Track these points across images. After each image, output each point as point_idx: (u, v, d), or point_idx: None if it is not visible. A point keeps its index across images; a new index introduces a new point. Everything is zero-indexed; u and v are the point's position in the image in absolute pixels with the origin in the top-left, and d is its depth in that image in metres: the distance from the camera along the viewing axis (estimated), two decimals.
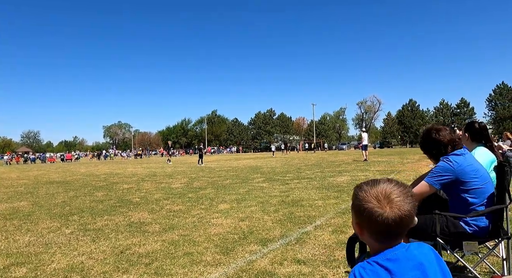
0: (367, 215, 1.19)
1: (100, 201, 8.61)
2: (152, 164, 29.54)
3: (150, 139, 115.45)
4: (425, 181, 2.98)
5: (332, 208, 6.60)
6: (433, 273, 1.19)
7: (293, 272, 3.41)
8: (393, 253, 1.20)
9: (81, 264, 3.92)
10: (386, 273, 1.16)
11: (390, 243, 1.23)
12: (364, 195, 1.23)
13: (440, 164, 2.96)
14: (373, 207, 1.18)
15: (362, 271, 1.17)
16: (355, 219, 1.28)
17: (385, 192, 1.21)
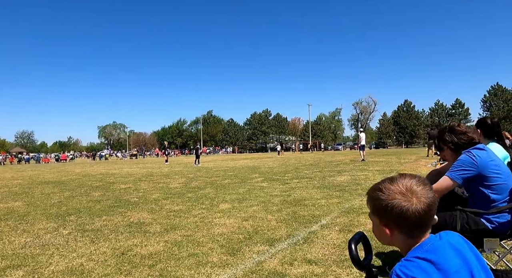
0: (396, 212, 1.18)
1: (97, 201, 8.42)
2: (148, 164, 29.28)
3: (145, 139, 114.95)
4: (446, 176, 2.86)
5: (336, 207, 6.47)
6: (470, 258, 1.19)
7: (305, 273, 3.27)
8: (429, 244, 1.18)
9: (81, 266, 3.75)
10: (430, 265, 1.12)
11: (424, 235, 1.22)
12: (387, 194, 1.22)
13: (462, 158, 2.84)
14: (400, 202, 1.18)
15: (405, 269, 1.12)
16: (382, 221, 1.24)
17: (406, 185, 1.21)
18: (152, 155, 76.79)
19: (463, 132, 3.03)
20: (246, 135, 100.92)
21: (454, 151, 3.01)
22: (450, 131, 3.09)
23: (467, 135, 3.01)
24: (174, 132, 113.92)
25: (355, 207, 6.45)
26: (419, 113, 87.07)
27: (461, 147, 2.99)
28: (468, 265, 1.17)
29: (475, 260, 1.20)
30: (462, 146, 2.99)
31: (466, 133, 3.02)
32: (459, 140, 3.02)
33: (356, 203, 6.85)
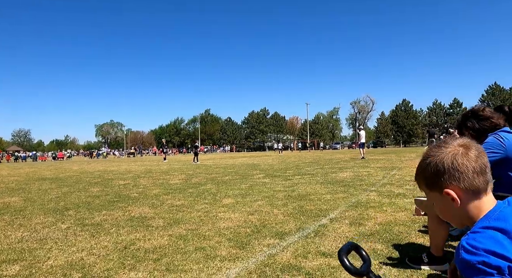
0: (462, 166, 1.03)
1: (96, 196, 8.21)
2: (147, 162, 29.06)
3: (142, 138, 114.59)
4: None
5: (342, 202, 6.30)
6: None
7: (321, 266, 3.09)
8: (497, 212, 1.03)
9: (81, 261, 3.54)
10: (501, 234, 0.96)
11: (488, 200, 1.07)
12: (436, 155, 1.08)
13: (489, 140, 2.68)
14: (463, 153, 1.04)
15: (473, 242, 0.96)
16: (442, 186, 1.07)
17: (460, 142, 1.09)
18: (149, 154, 76.45)
19: (487, 117, 2.86)
20: (244, 134, 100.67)
21: (476, 138, 2.85)
22: (473, 116, 2.92)
23: (490, 121, 2.84)
24: (171, 131, 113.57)
25: (362, 201, 6.27)
26: (417, 112, 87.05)
27: (483, 134, 2.83)
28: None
29: None
30: (483, 132, 2.83)
31: (490, 119, 2.86)
32: (482, 126, 2.86)
33: (362, 197, 6.68)
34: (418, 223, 4.56)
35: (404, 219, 4.85)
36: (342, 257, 1.18)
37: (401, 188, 7.89)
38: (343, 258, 1.17)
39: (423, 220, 4.71)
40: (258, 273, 2.99)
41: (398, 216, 5.05)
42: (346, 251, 1.22)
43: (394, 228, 4.32)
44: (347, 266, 1.16)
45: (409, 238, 3.93)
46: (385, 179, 9.73)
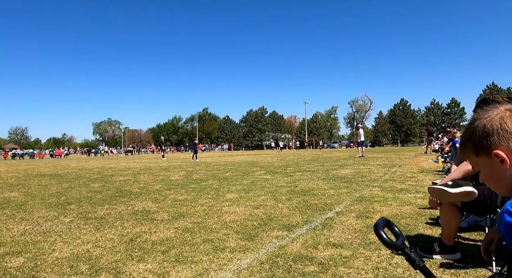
0: (510, 127, 0.99)
1: (98, 191, 8.16)
2: (145, 160, 28.98)
3: (140, 136, 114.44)
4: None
5: (346, 196, 6.28)
6: None
7: (333, 256, 3.07)
8: None
9: (88, 253, 3.50)
10: None
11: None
12: (494, 115, 1.03)
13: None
14: (510, 116, 1.00)
15: None
16: (490, 148, 1.02)
17: (506, 107, 1.04)
18: (147, 152, 76.31)
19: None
20: (242, 133, 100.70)
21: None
22: (484, 103, 2.89)
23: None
24: (169, 130, 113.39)
25: (366, 196, 6.26)
26: (415, 112, 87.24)
27: None
28: None
29: None
30: None
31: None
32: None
33: (366, 192, 6.66)
34: (425, 216, 4.55)
35: (410, 212, 4.83)
36: (379, 231, 1.16)
37: (404, 183, 7.89)
38: (380, 232, 1.16)
39: (429, 213, 4.70)
40: (270, 263, 2.96)
41: (404, 209, 5.03)
42: (381, 225, 1.20)
43: (401, 221, 4.30)
44: (385, 240, 1.15)
45: (417, 229, 3.91)
46: (387, 175, 9.73)
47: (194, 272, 2.85)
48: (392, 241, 1.16)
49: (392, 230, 1.30)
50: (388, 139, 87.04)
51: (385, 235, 1.16)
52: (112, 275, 2.85)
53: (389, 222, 1.29)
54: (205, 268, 2.93)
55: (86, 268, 3.05)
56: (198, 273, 2.82)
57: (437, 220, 4.10)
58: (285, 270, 2.80)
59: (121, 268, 3.01)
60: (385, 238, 1.15)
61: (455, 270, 2.71)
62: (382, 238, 1.15)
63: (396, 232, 1.28)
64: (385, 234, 1.17)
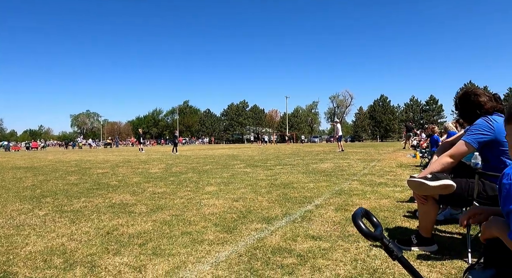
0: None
1: (74, 184, 7.99)
2: (124, 153, 28.56)
3: (119, 129, 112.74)
4: (462, 140, 2.75)
5: (326, 190, 6.32)
6: None
7: (312, 248, 3.07)
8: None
9: (62, 246, 3.40)
10: None
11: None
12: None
13: (479, 122, 2.74)
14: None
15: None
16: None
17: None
18: (127, 145, 75.26)
19: (484, 101, 2.92)
20: (223, 126, 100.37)
21: (466, 117, 3.00)
22: (466, 96, 3.00)
23: (483, 107, 2.91)
24: (149, 122, 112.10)
25: (345, 189, 6.31)
26: (395, 108, 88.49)
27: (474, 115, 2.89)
28: None
29: None
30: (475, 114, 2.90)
31: (482, 106, 2.92)
32: (475, 114, 2.92)
33: (345, 186, 6.72)
34: (403, 209, 4.61)
35: (388, 205, 4.89)
36: (358, 222, 1.15)
37: (382, 177, 7.99)
38: (358, 222, 1.15)
39: (407, 206, 4.77)
40: (249, 256, 2.94)
41: (382, 202, 5.09)
42: (360, 215, 1.19)
43: (380, 214, 4.35)
44: (363, 230, 1.14)
45: (395, 222, 3.96)
46: (366, 170, 9.84)
47: (172, 265, 2.81)
48: (370, 231, 1.16)
49: (371, 220, 1.29)
50: (367, 134, 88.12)
51: (363, 225, 1.15)
52: (87, 268, 2.79)
53: (368, 212, 1.28)
54: (183, 260, 2.89)
55: (60, 262, 2.97)
56: (176, 266, 2.78)
57: (415, 213, 4.16)
58: (263, 262, 2.79)
59: (96, 261, 2.95)
60: (363, 228, 1.14)
61: (432, 261, 2.75)
62: (361, 228, 1.14)
63: (375, 222, 1.28)
64: (363, 224, 1.16)
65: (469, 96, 2.90)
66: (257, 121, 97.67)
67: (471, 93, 2.90)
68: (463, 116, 3.00)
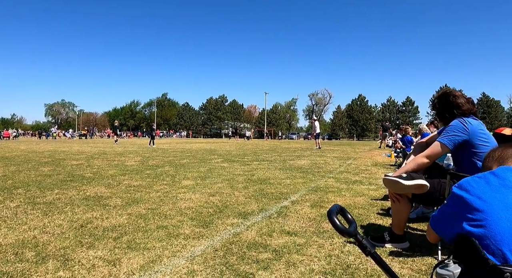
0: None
1: (48, 175, 7.81)
2: (100, 144, 28.05)
3: (96, 120, 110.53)
4: (438, 141, 2.83)
5: (302, 186, 6.40)
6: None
7: (287, 243, 3.12)
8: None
9: (34, 239, 3.33)
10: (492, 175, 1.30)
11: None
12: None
13: (454, 123, 2.82)
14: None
15: (471, 180, 1.32)
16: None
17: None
18: (103, 136, 73.90)
19: (462, 103, 3.02)
20: (201, 120, 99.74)
21: (446, 122, 3.07)
22: (444, 97, 3.09)
23: (461, 109, 3.00)
24: (126, 114, 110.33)
25: (321, 186, 6.40)
26: (372, 108, 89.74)
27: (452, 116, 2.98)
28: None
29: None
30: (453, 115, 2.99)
31: (460, 107, 3.02)
32: (453, 115, 3.01)
33: (321, 183, 6.81)
34: (376, 207, 4.72)
35: (362, 202, 4.99)
36: (333, 218, 1.18)
37: (358, 175, 8.14)
38: (333, 219, 1.17)
39: (381, 204, 4.88)
40: (224, 250, 2.95)
41: (357, 200, 5.19)
42: (335, 212, 1.22)
43: (354, 211, 4.44)
44: (338, 226, 1.17)
45: (369, 219, 4.05)
46: (342, 167, 9.99)
47: (147, 259, 2.80)
48: (344, 227, 1.18)
49: (345, 217, 1.32)
50: (344, 132, 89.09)
51: (338, 221, 1.18)
52: (60, 262, 2.74)
53: (343, 209, 1.32)
54: (158, 255, 2.88)
55: (32, 255, 2.91)
56: (151, 260, 2.77)
57: (388, 211, 4.26)
58: (239, 257, 2.81)
59: (69, 255, 2.90)
60: (338, 224, 1.17)
61: (403, 258, 2.84)
62: (335, 224, 1.17)
63: (349, 219, 1.31)
64: (338, 220, 1.19)
65: (448, 96, 2.98)
66: (236, 117, 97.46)
67: (450, 94, 2.99)
68: (440, 116, 3.08)
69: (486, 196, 1.23)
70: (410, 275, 2.53)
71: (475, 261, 1.12)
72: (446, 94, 3.01)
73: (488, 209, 1.18)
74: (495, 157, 1.47)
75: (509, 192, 1.21)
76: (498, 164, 1.42)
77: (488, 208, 1.19)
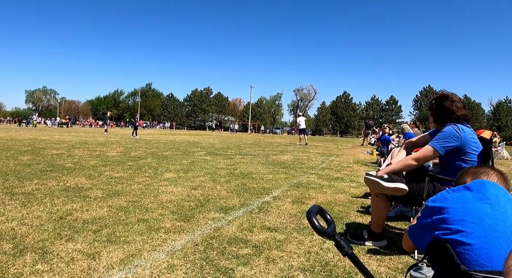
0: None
1: (27, 164, 7.66)
2: (81, 133, 27.60)
3: (78, 108, 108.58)
4: (429, 145, 2.87)
5: (284, 182, 6.44)
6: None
7: (267, 239, 3.15)
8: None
9: (12, 231, 3.28)
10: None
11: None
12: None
13: (447, 129, 2.86)
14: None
15: (445, 193, 1.41)
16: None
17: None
18: (85, 125, 72.75)
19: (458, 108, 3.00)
20: (185, 112, 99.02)
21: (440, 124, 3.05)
22: (442, 99, 3.06)
23: (455, 114, 2.99)
24: (109, 103, 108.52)
25: (303, 182, 6.46)
26: (356, 105, 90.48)
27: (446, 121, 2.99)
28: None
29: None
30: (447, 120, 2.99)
31: (454, 112, 3.00)
32: (448, 119, 3.01)
33: (303, 179, 6.87)
34: (357, 204, 4.79)
35: (343, 200, 5.06)
36: (312, 218, 1.20)
37: (339, 172, 8.23)
38: (312, 219, 1.19)
39: (361, 202, 4.96)
40: (205, 245, 2.97)
41: (338, 197, 5.26)
42: (314, 212, 1.24)
43: (335, 208, 4.50)
44: (316, 227, 1.19)
45: (348, 217, 4.11)
46: (324, 164, 10.08)
47: (127, 252, 2.79)
48: (323, 228, 1.21)
49: (324, 217, 1.35)
50: (328, 129, 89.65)
51: (317, 221, 1.21)
52: (38, 255, 2.71)
53: (322, 209, 1.34)
54: (138, 248, 2.88)
55: (9, 247, 2.87)
56: (131, 254, 2.76)
57: (368, 209, 4.34)
58: (219, 252, 2.83)
59: (48, 247, 2.87)
60: (316, 225, 1.19)
61: (381, 256, 2.90)
62: (314, 225, 1.20)
63: (328, 219, 1.34)
64: (317, 221, 1.21)
65: (446, 100, 2.98)
66: (220, 109, 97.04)
67: (448, 98, 2.98)
68: (435, 117, 3.07)
69: (460, 207, 1.27)
70: (387, 273, 2.59)
71: (447, 265, 1.16)
72: (444, 98, 3.00)
73: (461, 220, 1.22)
74: (469, 173, 1.54)
75: (481, 203, 1.26)
76: (472, 178, 1.48)
77: (461, 218, 1.23)
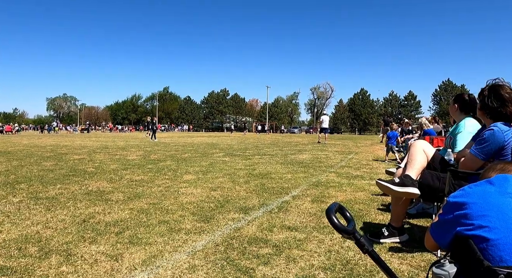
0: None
1: (50, 170, 7.85)
2: (102, 138, 28.11)
3: (97, 114, 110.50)
4: (476, 157, 2.69)
5: (303, 181, 6.42)
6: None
7: (287, 239, 3.14)
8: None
9: (37, 234, 3.36)
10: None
11: None
12: None
13: (490, 135, 2.64)
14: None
15: (466, 188, 1.33)
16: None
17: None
18: (105, 130, 73.96)
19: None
20: (203, 114, 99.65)
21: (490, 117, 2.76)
22: (497, 88, 2.71)
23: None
24: (128, 108, 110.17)
25: (322, 181, 6.42)
26: (374, 102, 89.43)
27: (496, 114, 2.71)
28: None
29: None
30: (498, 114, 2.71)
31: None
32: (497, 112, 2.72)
33: (322, 177, 6.83)
34: (377, 202, 4.74)
35: (363, 198, 5.01)
36: (331, 216, 1.19)
37: (359, 170, 8.15)
38: (332, 217, 1.19)
39: (382, 199, 4.90)
40: (225, 245, 2.98)
41: (358, 195, 5.21)
42: (333, 210, 1.23)
43: (355, 206, 4.46)
44: (336, 224, 1.18)
45: (369, 215, 4.07)
46: (343, 162, 10.00)
47: (148, 253, 2.83)
48: (343, 226, 1.20)
49: (344, 215, 1.33)
50: (346, 126, 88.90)
51: (336, 219, 1.19)
52: (63, 257, 2.78)
53: (342, 207, 1.33)
54: (160, 249, 2.91)
55: (35, 250, 2.94)
56: (152, 255, 2.80)
57: (389, 207, 4.28)
58: (240, 252, 2.84)
59: (72, 249, 2.93)
60: (336, 223, 1.18)
61: (402, 254, 2.86)
62: (334, 223, 1.19)
63: (348, 217, 1.32)
64: (336, 218, 1.20)
65: (505, 91, 2.68)
66: (237, 110, 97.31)
67: (501, 85, 2.70)
68: (483, 105, 2.77)
69: (482, 202, 1.24)
70: (409, 271, 2.55)
71: (470, 261, 1.14)
72: (498, 87, 2.69)
73: (484, 215, 1.19)
74: (497, 169, 1.47)
75: (504, 198, 1.22)
76: (497, 173, 1.42)
77: (484, 213, 1.20)
